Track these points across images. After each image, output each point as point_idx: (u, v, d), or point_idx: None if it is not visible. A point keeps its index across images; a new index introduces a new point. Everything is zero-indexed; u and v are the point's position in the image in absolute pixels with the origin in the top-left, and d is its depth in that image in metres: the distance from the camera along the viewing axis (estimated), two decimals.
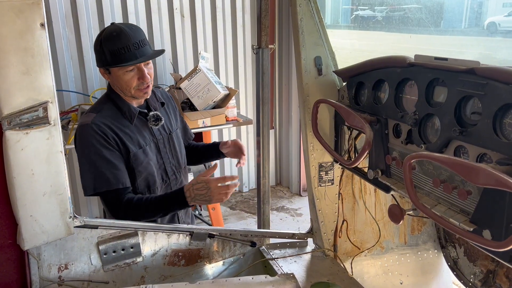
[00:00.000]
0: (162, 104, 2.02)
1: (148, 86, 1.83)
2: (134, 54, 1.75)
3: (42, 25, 1.26)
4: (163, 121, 1.92)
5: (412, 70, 1.40)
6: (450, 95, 1.24)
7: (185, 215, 2.09)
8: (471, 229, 1.12)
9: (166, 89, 3.47)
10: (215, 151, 2.18)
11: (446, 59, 1.27)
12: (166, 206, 1.76)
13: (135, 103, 1.89)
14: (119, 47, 1.73)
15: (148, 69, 1.81)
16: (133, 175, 1.85)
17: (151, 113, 1.89)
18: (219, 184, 1.70)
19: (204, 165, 3.23)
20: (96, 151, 1.74)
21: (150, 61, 1.83)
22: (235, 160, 2.11)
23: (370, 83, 1.60)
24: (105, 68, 1.80)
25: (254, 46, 1.89)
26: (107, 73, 1.82)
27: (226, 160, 4.49)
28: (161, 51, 1.91)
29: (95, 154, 1.74)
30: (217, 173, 4.53)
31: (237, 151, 2.11)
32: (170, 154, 1.99)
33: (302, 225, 3.98)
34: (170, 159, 1.99)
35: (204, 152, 2.25)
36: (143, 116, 1.90)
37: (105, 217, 2.04)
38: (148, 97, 1.90)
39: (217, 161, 2.28)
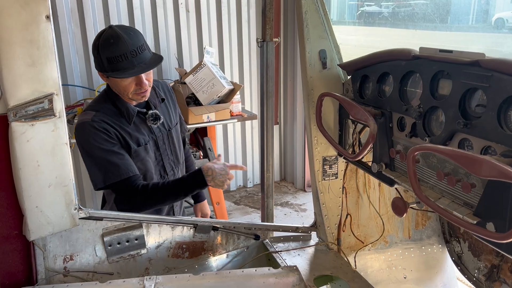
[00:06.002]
0: (162, 100, 2.01)
1: (146, 90, 1.82)
2: (131, 62, 1.71)
3: (48, 17, 1.27)
4: (162, 120, 1.92)
5: (416, 63, 1.39)
6: (455, 88, 1.24)
7: (180, 209, 2.15)
8: (475, 222, 1.12)
9: (171, 84, 3.44)
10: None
11: (451, 51, 1.26)
12: (186, 187, 1.81)
13: (134, 102, 1.88)
14: (116, 55, 1.69)
15: (146, 74, 1.78)
16: None
17: (150, 112, 1.89)
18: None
19: (208, 157, 3.24)
20: (100, 146, 1.75)
21: None
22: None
23: (374, 76, 1.59)
24: (102, 72, 1.78)
25: (259, 39, 1.89)
26: (105, 77, 1.80)
27: (231, 155, 4.51)
28: (160, 59, 1.83)
29: (99, 149, 1.75)
30: None
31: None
32: (169, 150, 2.00)
33: (306, 220, 3.98)
34: (169, 155, 2.00)
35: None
36: (142, 115, 1.90)
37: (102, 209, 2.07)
38: (146, 99, 1.89)
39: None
